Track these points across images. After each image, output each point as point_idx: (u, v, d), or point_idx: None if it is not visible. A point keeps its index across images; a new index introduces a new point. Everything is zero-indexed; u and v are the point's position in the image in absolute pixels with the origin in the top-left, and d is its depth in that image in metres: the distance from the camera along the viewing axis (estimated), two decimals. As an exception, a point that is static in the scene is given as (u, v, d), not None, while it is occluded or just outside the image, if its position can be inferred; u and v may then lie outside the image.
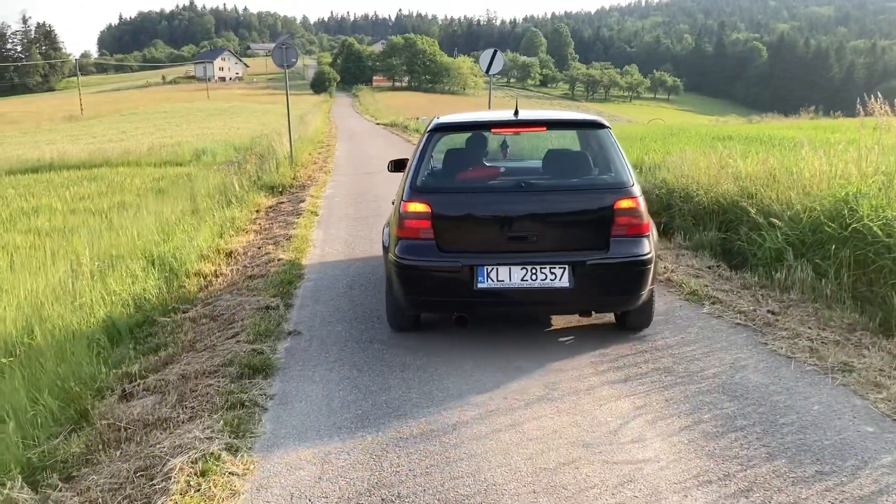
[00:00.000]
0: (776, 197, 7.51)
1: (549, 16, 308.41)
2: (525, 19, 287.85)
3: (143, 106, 78.48)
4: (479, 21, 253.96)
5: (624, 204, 4.82)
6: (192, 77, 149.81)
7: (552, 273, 4.73)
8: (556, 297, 4.78)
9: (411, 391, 4.28)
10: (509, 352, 4.90)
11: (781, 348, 4.81)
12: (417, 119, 42.26)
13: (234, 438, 3.65)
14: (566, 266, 4.73)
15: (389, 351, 4.96)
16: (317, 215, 10.89)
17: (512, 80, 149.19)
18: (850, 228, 6.10)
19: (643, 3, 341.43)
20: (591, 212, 4.87)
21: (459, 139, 6.37)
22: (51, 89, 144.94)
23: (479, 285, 4.74)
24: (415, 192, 4.96)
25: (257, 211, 11.74)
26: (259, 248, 8.59)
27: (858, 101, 7.16)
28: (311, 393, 4.29)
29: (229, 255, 8.38)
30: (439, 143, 5.43)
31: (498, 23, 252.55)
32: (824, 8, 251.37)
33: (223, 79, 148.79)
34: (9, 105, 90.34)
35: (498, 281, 4.74)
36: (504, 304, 4.91)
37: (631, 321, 5.32)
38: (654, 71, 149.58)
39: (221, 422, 3.76)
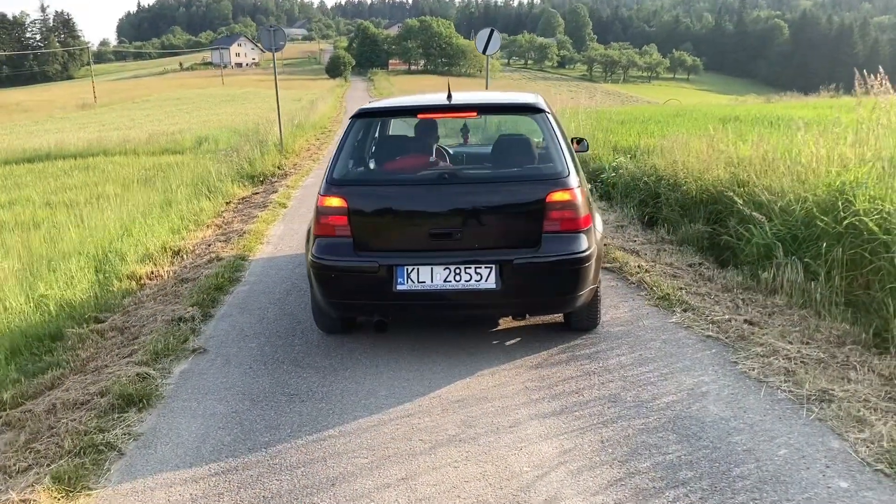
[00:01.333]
0: (768, 185, 6.75)
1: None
2: (543, 0, 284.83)
3: (156, 93, 78.31)
4: (496, 3, 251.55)
5: (557, 196, 4.18)
6: (209, 63, 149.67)
7: (478, 273, 4.13)
8: (483, 300, 4.19)
9: (302, 430, 3.61)
10: (436, 373, 4.22)
11: (753, 369, 4.09)
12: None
13: (60, 499, 3.00)
14: (493, 266, 4.14)
15: (298, 374, 4.30)
16: (286, 207, 10.25)
17: (529, 63, 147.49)
18: (844, 223, 5.34)
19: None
20: (520, 206, 4.25)
21: (406, 126, 5.70)
22: (70, 77, 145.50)
23: (399, 287, 4.16)
24: (331, 185, 4.36)
25: (228, 203, 11.11)
26: (209, 245, 7.95)
27: (857, 77, 6.35)
28: (184, 432, 3.64)
29: (176, 253, 7.75)
30: (369, 130, 4.78)
31: (515, 4, 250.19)
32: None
33: (239, 65, 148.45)
34: (25, 94, 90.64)
35: (419, 282, 4.16)
36: (426, 308, 4.35)
37: (574, 322, 4.79)
38: (674, 50, 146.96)
39: (48, 477, 3.11)
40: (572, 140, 6.61)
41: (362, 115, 4.62)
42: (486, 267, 4.16)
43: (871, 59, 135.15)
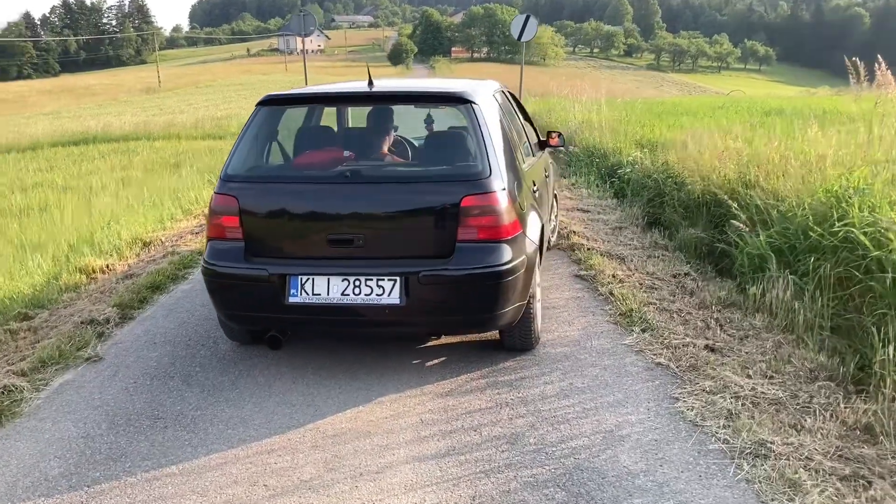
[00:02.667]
0: (773, 187, 6.03)
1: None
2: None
3: (220, 79, 79.54)
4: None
5: (474, 201, 3.63)
6: (276, 50, 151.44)
7: (379, 287, 3.63)
8: (385, 317, 3.68)
9: (141, 465, 3.13)
10: (331, 398, 3.73)
11: (692, 409, 3.48)
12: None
13: None
14: (397, 278, 3.62)
15: (179, 393, 3.84)
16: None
17: (595, 51, 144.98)
18: (839, 235, 4.64)
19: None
20: (430, 210, 3.70)
21: (358, 115, 5.22)
22: (142, 62, 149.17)
23: (291, 299, 3.69)
24: (223, 181, 3.91)
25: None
26: (181, 237, 7.61)
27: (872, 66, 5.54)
28: (13, 461, 3.20)
29: (146, 245, 7.42)
30: (276, 119, 4.29)
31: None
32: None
33: (307, 51, 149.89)
34: (96, 78, 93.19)
35: (313, 294, 3.68)
36: (322, 324, 3.86)
37: (506, 342, 4.24)
38: (746, 40, 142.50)
39: None
40: (549, 134, 6.02)
41: (269, 102, 4.12)
42: (389, 279, 3.65)
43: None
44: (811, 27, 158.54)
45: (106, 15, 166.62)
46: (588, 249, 6.39)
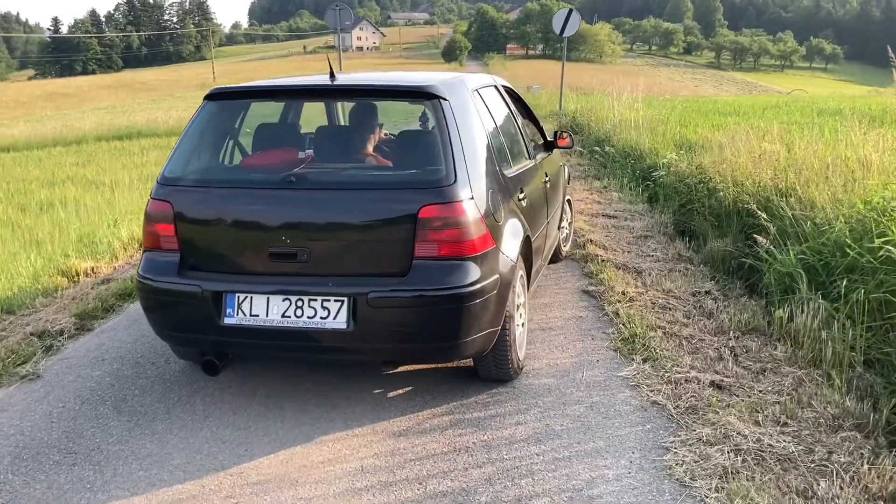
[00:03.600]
0: (810, 196, 5.39)
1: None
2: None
3: (275, 74, 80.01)
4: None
5: (434, 211, 3.14)
6: (332, 47, 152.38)
7: (324, 308, 3.18)
8: (330, 343, 3.21)
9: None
10: (268, 434, 3.27)
11: (683, 462, 2.92)
12: (528, 89, 39.03)
13: None
14: (344, 299, 3.15)
15: (104, 423, 3.42)
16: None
17: (654, 48, 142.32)
18: (880, 254, 4.00)
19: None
20: (385, 222, 3.23)
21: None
22: (202, 58, 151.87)
23: (227, 320, 3.26)
24: (159, 185, 3.48)
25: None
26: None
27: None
28: None
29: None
30: (225, 116, 3.85)
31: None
32: None
33: (360, 48, 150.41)
34: (154, 73, 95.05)
35: (251, 315, 3.24)
36: (261, 348, 3.40)
37: (481, 372, 3.73)
38: (812, 38, 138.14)
39: None
40: (556, 134, 5.47)
41: (217, 96, 3.67)
42: (335, 301, 3.18)
43: None
44: (882, 24, 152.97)
45: (167, 12, 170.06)
46: (603, 261, 5.82)
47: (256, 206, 3.31)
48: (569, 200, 6.25)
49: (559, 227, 5.66)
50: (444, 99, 3.44)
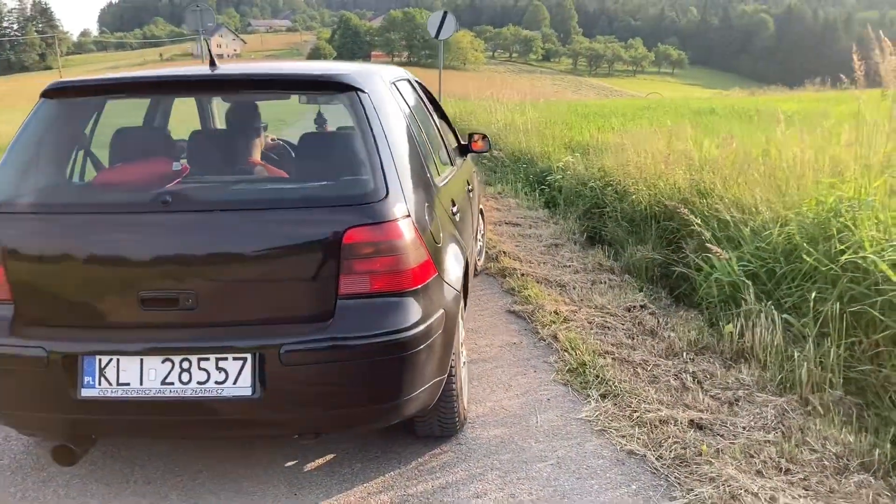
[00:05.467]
0: (736, 197, 5.03)
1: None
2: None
3: (128, 84, 75.88)
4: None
5: (363, 234, 2.42)
6: (190, 54, 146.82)
7: (220, 370, 2.40)
8: (232, 415, 2.44)
9: None
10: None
11: (692, 537, 2.36)
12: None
13: None
14: (247, 356, 2.38)
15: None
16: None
17: (514, 55, 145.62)
18: (842, 259, 3.62)
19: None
20: (298, 250, 2.46)
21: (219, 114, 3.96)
22: (48, 68, 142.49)
23: (85, 392, 2.41)
24: None
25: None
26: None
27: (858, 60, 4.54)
28: None
29: None
30: (69, 118, 2.96)
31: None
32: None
33: (220, 55, 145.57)
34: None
35: (119, 384, 2.40)
36: (134, 427, 2.57)
37: (420, 429, 3.02)
38: (659, 44, 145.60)
39: None
40: (471, 137, 4.86)
41: (59, 92, 2.79)
42: (234, 358, 2.40)
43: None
44: (720, 31, 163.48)
45: (7, 18, 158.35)
46: (522, 275, 5.26)
47: (119, 236, 2.46)
48: (481, 210, 5.65)
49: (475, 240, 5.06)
50: (363, 91, 2.73)
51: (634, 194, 6.26)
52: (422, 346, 2.50)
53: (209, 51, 3.07)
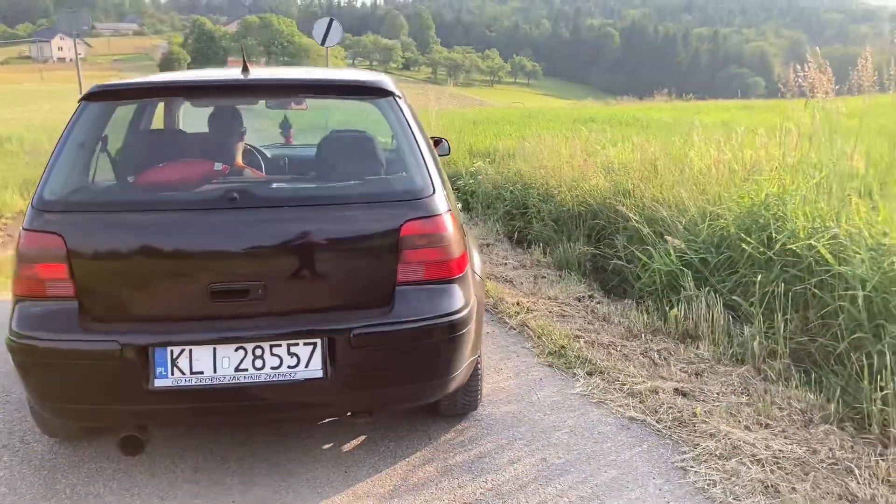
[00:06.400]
0: (659, 196, 5.57)
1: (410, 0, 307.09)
2: (387, 2, 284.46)
3: (-40, 89, 70.27)
4: (339, 2, 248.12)
5: (418, 227, 2.66)
6: (28, 57, 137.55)
7: (292, 355, 2.56)
8: (303, 397, 2.62)
9: None
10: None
11: (714, 483, 2.73)
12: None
13: None
14: (317, 341, 2.56)
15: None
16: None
17: (374, 63, 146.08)
18: (777, 246, 4.16)
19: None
20: (360, 242, 2.69)
21: (193, 117, 4.01)
22: None
23: (158, 382, 2.50)
24: (38, 211, 2.60)
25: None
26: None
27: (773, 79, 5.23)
28: None
29: None
30: (109, 120, 3.02)
31: (359, 4, 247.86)
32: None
33: (62, 59, 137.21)
34: None
35: (193, 373, 2.52)
36: (205, 414, 2.68)
37: (445, 407, 3.25)
38: (514, 55, 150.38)
39: None
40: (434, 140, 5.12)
41: (100, 95, 2.85)
42: (304, 344, 2.57)
43: (693, 67, 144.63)
44: (571, 44, 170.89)
45: None
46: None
47: (192, 231, 2.59)
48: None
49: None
50: (399, 96, 2.98)
51: (558, 196, 6.72)
52: (465, 330, 2.76)
53: (243, 57, 3.17)
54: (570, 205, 6.51)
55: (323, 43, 16.13)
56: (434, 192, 2.75)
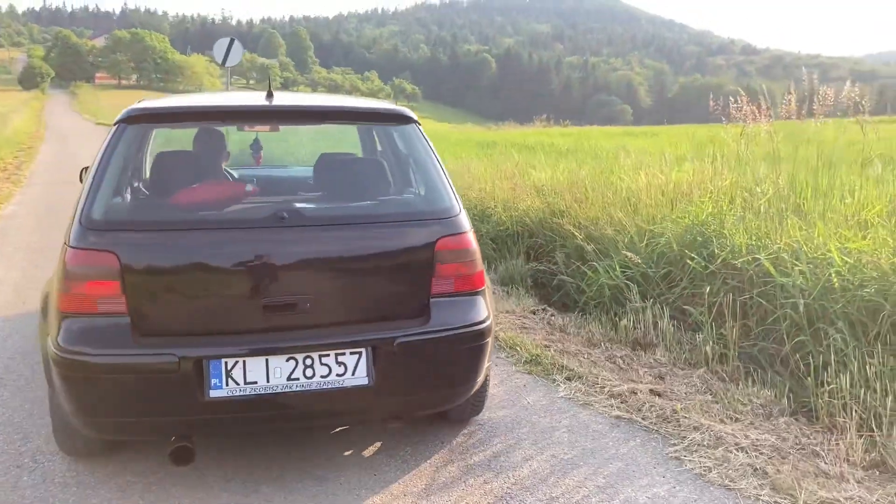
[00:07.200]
0: (593, 217, 6.01)
1: (287, 18, 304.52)
2: (262, 20, 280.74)
3: None
4: (213, 20, 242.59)
5: (449, 243, 2.93)
6: None
7: (339, 364, 2.73)
8: (349, 403, 2.81)
9: None
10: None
11: (707, 468, 3.09)
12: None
13: None
14: (362, 350, 2.75)
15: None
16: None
17: (252, 82, 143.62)
18: (719, 261, 4.64)
19: (380, 11, 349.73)
20: (400, 257, 2.92)
21: (178, 137, 4.08)
22: None
23: (213, 393, 2.61)
24: (88, 230, 2.66)
25: None
26: None
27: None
28: None
29: None
30: (145, 142, 3.11)
31: (234, 22, 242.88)
32: (543, 25, 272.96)
33: None
34: None
35: (247, 383, 2.64)
36: (260, 422, 2.83)
37: (454, 412, 3.45)
38: (394, 78, 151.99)
39: None
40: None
41: (140, 117, 2.93)
42: (351, 353, 2.75)
43: (566, 94, 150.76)
44: (449, 69, 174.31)
45: None
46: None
47: (241, 250, 2.71)
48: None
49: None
50: (418, 123, 3.22)
51: (494, 216, 7.07)
52: (488, 339, 3.02)
53: (269, 81, 3.31)
54: (508, 224, 6.87)
55: (223, 63, 15.97)
56: (460, 212, 3.01)
